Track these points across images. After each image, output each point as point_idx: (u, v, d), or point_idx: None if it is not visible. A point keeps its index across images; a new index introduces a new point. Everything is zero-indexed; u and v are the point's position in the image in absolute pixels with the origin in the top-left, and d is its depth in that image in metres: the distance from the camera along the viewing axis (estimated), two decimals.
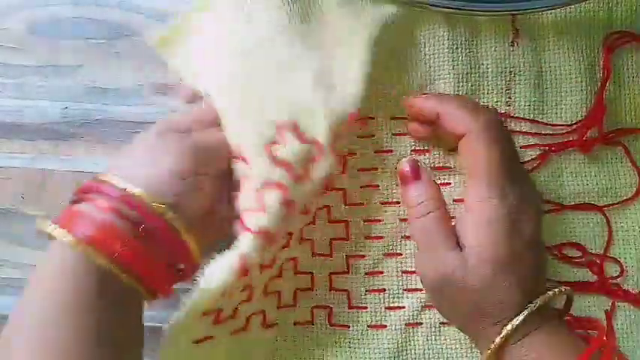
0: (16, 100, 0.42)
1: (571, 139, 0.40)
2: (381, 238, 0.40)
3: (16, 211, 0.42)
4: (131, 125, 0.41)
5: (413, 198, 0.35)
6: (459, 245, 0.33)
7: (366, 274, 0.40)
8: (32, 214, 0.41)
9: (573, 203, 0.40)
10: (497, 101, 0.40)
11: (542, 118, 0.40)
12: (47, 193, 0.41)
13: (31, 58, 0.42)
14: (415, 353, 0.39)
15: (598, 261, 0.39)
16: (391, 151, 0.40)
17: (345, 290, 0.40)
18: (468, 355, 0.39)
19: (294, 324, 0.40)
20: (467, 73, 0.39)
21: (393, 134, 0.40)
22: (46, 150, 0.42)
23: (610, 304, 0.39)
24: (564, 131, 0.40)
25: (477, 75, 0.39)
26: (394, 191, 0.40)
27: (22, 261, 0.41)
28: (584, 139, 0.39)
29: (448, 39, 0.39)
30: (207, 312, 0.33)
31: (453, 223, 0.34)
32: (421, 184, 0.35)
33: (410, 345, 0.39)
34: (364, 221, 0.40)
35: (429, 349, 0.39)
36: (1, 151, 0.42)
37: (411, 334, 0.39)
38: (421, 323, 0.39)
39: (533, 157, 0.40)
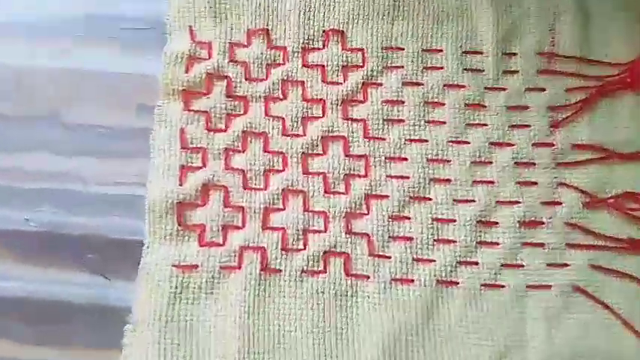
0: None
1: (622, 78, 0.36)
2: (407, 178, 0.34)
3: None
4: None
5: None
6: None
7: (389, 217, 0.34)
8: None
9: (628, 152, 0.35)
10: (539, 40, 0.37)
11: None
12: None
13: None
14: (449, 319, 0.32)
15: None
16: (421, 84, 0.36)
17: (365, 234, 0.33)
18: (510, 325, 0.32)
19: (303, 272, 0.33)
20: (506, 10, 0.37)
21: (425, 67, 0.37)
22: None
23: None
24: (615, 72, 0.36)
25: (518, 13, 0.37)
26: (421, 127, 0.35)
27: None
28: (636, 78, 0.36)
29: None
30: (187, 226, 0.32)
31: None
32: None
33: (443, 309, 0.32)
34: (386, 158, 0.35)
35: (466, 316, 0.32)
36: None
37: (444, 294, 0.32)
38: (457, 283, 0.33)
39: (579, 99, 0.36)
